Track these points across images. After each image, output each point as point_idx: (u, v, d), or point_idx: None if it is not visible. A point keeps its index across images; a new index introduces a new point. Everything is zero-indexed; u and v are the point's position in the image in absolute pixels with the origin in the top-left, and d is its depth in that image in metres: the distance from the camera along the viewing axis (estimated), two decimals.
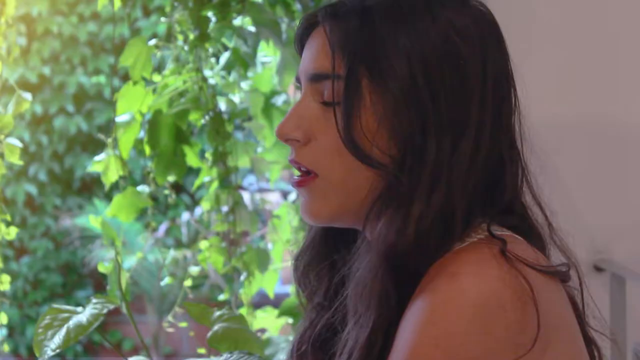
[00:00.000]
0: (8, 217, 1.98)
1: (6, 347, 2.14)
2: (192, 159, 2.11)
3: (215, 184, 2.10)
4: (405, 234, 0.93)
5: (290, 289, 2.27)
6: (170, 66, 2.07)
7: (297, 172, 1.03)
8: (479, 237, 0.95)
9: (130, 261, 5.94)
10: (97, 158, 2.07)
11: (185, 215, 6.64)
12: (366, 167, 0.96)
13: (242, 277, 2.10)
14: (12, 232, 1.98)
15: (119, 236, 1.91)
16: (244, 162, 2.17)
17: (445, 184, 0.94)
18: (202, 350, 2.00)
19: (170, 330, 2.21)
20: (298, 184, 1.01)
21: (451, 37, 0.96)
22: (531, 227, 1.01)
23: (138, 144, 2.08)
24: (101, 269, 1.96)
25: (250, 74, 2.21)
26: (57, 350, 1.37)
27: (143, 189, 2.10)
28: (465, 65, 0.96)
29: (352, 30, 0.97)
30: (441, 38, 0.96)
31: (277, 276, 2.25)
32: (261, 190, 3.78)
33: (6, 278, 2.02)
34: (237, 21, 2.06)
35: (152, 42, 2.06)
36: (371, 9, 0.97)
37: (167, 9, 2.07)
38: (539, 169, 1.04)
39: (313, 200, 1.00)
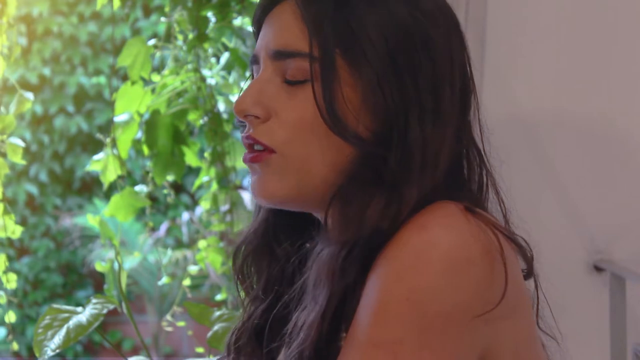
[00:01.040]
0: (13, 217, 1.98)
1: (15, 346, 2.14)
2: (191, 159, 2.11)
3: (214, 184, 2.10)
4: (397, 218, 0.92)
5: None
6: (169, 66, 2.07)
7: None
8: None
9: (129, 261, 5.95)
10: (95, 157, 2.07)
11: (185, 215, 6.64)
12: (332, 147, 0.95)
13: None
14: (17, 231, 1.98)
15: (117, 236, 1.91)
16: (242, 162, 2.16)
17: (431, 168, 0.94)
18: (201, 350, 2.00)
19: (170, 330, 2.21)
20: (252, 160, 0.98)
21: (421, 19, 0.97)
22: (485, 210, 1.00)
23: (137, 144, 2.08)
24: (99, 268, 1.96)
25: (249, 74, 2.21)
26: (57, 350, 1.37)
27: (141, 188, 2.10)
28: (436, 48, 0.97)
29: (327, 7, 0.96)
30: (413, 19, 0.96)
31: None
32: None
33: (12, 277, 2.02)
34: (237, 21, 2.06)
35: (151, 42, 2.06)
36: None
37: (167, 9, 2.08)
38: (499, 163, 1.04)
39: (268, 179, 0.98)
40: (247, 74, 1.07)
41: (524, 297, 0.94)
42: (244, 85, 1.08)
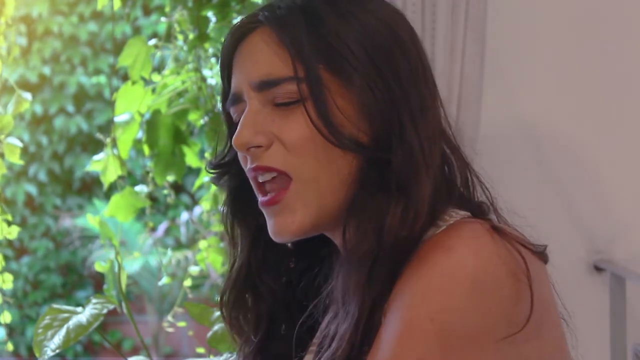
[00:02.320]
0: (9, 217, 1.98)
1: (10, 347, 2.14)
2: (191, 159, 2.11)
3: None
4: (416, 222, 0.93)
5: None
6: (169, 66, 2.07)
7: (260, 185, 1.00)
8: (455, 219, 0.95)
9: (131, 263, 5.95)
10: (96, 158, 2.07)
11: (184, 215, 6.64)
12: (339, 157, 0.95)
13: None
14: (14, 232, 1.98)
15: (116, 236, 1.91)
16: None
17: (432, 163, 0.96)
18: (201, 350, 2.00)
19: (170, 330, 2.21)
20: (270, 203, 0.98)
21: (387, 21, 0.99)
22: (483, 211, 1.00)
23: (137, 144, 2.08)
24: (98, 268, 1.95)
25: None
26: (57, 350, 1.37)
27: (141, 188, 2.10)
28: (406, 46, 0.99)
29: (300, 28, 0.97)
30: (381, 24, 0.98)
31: None
32: None
33: (8, 277, 2.02)
34: (237, 21, 2.06)
35: (152, 42, 2.06)
36: (309, 7, 0.98)
37: (167, 9, 2.08)
38: (478, 153, 1.06)
39: (290, 215, 0.97)
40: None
41: (552, 315, 0.94)
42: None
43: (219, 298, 1.09)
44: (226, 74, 1.03)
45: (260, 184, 0.99)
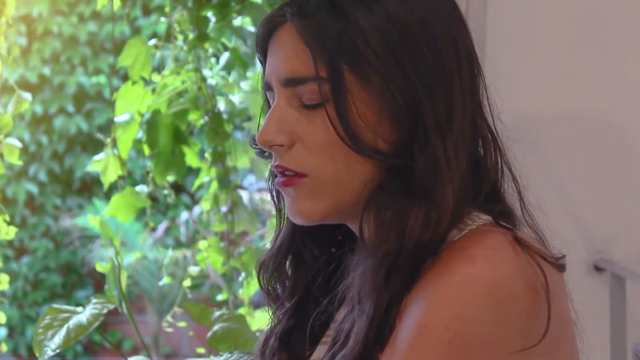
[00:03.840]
0: (7, 217, 1.98)
1: (4, 347, 2.14)
2: (191, 159, 2.11)
3: (215, 184, 2.10)
4: (439, 226, 0.92)
5: None
6: (169, 66, 2.07)
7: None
8: (477, 225, 0.94)
9: (129, 261, 5.94)
10: (96, 158, 2.07)
11: (184, 215, 6.64)
12: (360, 161, 0.94)
13: (241, 277, 2.10)
14: (12, 232, 1.98)
15: (117, 236, 1.91)
16: (243, 162, 2.17)
17: (457, 165, 0.94)
18: (201, 350, 2.00)
19: (170, 330, 2.21)
20: (283, 184, 0.98)
21: (420, 13, 0.96)
22: (510, 211, 1.00)
23: (137, 144, 2.08)
24: (99, 268, 1.96)
25: (249, 74, 2.20)
26: (57, 350, 1.37)
27: (141, 188, 2.10)
28: (440, 42, 0.96)
29: (325, 25, 0.95)
30: (412, 16, 0.95)
31: None
32: (261, 190, 3.77)
33: (5, 278, 2.02)
34: (237, 21, 2.06)
35: (152, 42, 2.06)
36: (338, 1, 0.95)
37: (167, 9, 2.08)
38: (511, 141, 1.04)
39: (303, 200, 0.97)
40: (261, 100, 1.06)
41: (568, 330, 0.94)
42: (260, 117, 1.05)
43: (258, 266, 1.08)
44: (263, 59, 1.02)
45: (280, 172, 0.99)
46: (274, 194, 1.07)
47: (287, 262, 1.07)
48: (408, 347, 0.87)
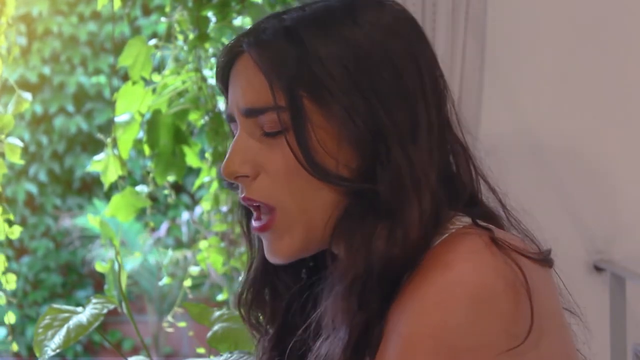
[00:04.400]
0: (11, 217, 1.98)
1: (15, 347, 2.14)
2: (192, 159, 2.11)
3: (215, 184, 2.10)
4: (407, 241, 0.92)
5: None
6: (169, 66, 2.07)
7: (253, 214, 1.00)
8: (457, 228, 0.94)
9: (129, 261, 5.94)
10: (96, 158, 2.07)
11: (185, 215, 6.64)
12: (323, 188, 0.94)
13: (241, 277, 2.10)
14: (16, 232, 1.98)
15: (117, 236, 1.91)
16: None
17: (425, 183, 0.94)
18: (201, 350, 2.00)
19: (170, 330, 2.21)
20: (262, 229, 0.98)
21: (378, 37, 0.95)
22: (492, 214, 1.00)
23: (138, 144, 2.08)
24: (99, 268, 1.96)
25: None
26: (57, 350, 1.37)
27: (142, 189, 2.10)
28: (400, 63, 0.95)
29: (282, 54, 0.95)
30: (369, 40, 0.95)
31: None
32: None
33: (12, 277, 2.02)
34: (237, 21, 2.06)
35: (152, 42, 2.06)
36: (294, 28, 0.96)
37: (167, 9, 2.08)
38: (484, 153, 1.04)
39: (279, 239, 0.97)
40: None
41: (555, 325, 0.94)
42: (229, 143, 1.06)
43: (237, 298, 1.08)
44: (224, 91, 1.02)
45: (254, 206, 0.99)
46: (244, 225, 1.06)
47: (265, 292, 1.07)
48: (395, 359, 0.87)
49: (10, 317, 2.04)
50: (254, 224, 0.99)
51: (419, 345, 0.87)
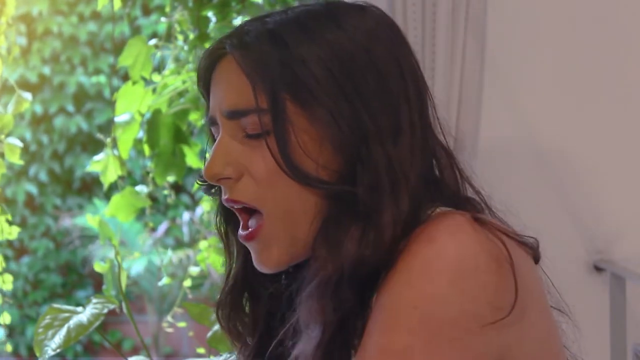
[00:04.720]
0: (9, 217, 1.98)
1: (9, 347, 2.14)
2: (192, 159, 2.11)
3: None
4: (379, 243, 0.92)
5: None
6: (170, 66, 2.07)
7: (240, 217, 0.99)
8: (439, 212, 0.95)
9: (135, 265, 5.96)
10: (96, 158, 2.07)
11: (185, 215, 6.64)
12: (304, 191, 0.95)
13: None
14: (14, 232, 1.98)
15: (116, 236, 1.91)
16: None
17: (404, 185, 0.94)
18: (201, 350, 2.00)
19: (170, 330, 2.21)
20: (248, 238, 0.98)
21: (362, 41, 0.96)
22: (473, 207, 1.00)
23: (138, 144, 2.08)
24: (97, 268, 1.96)
25: None
26: (58, 350, 1.37)
27: (141, 189, 2.10)
28: (384, 67, 0.96)
29: (266, 57, 0.95)
30: (353, 44, 0.96)
31: None
32: None
33: (8, 278, 2.02)
34: (237, 21, 2.06)
35: (152, 42, 2.06)
36: (278, 31, 0.96)
37: (167, 9, 2.08)
38: (467, 153, 1.04)
39: (267, 249, 0.98)
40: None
41: (537, 300, 0.94)
42: (207, 148, 1.05)
43: (215, 308, 1.08)
44: (206, 94, 1.02)
45: (238, 210, 0.99)
46: (222, 231, 1.06)
47: (244, 299, 1.06)
48: (380, 334, 0.88)
49: (6, 318, 2.04)
50: (241, 232, 0.99)
51: (403, 316, 0.87)
